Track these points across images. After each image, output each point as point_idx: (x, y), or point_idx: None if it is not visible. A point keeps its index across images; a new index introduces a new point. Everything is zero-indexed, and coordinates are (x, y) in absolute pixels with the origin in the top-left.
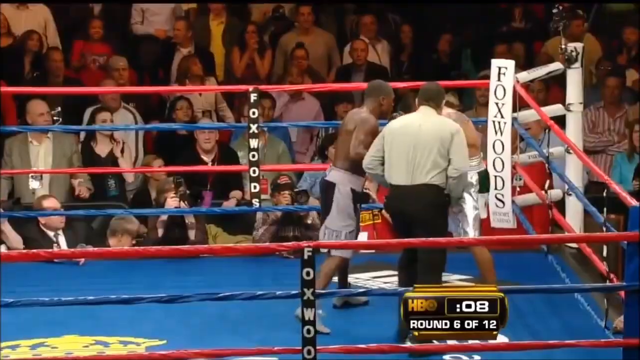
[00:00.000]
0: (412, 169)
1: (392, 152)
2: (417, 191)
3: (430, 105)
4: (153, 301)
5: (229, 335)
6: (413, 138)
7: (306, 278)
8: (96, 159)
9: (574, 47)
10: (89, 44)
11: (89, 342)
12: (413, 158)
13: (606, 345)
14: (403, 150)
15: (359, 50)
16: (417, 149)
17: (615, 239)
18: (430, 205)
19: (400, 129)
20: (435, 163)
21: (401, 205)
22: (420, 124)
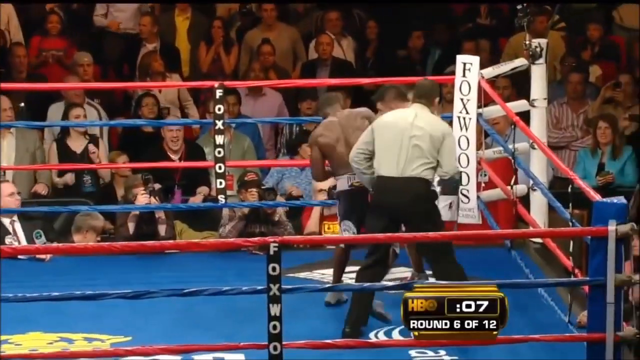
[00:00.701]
0: (403, 161)
1: (383, 145)
2: (408, 183)
3: (422, 103)
4: (118, 297)
5: (195, 331)
6: (404, 132)
7: (272, 273)
8: (71, 155)
9: (538, 43)
10: (46, 39)
11: (53, 338)
12: (404, 151)
13: (570, 340)
14: (394, 143)
15: (324, 44)
16: (409, 143)
17: (580, 234)
18: (421, 197)
19: (391, 123)
20: (425, 159)
21: (391, 198)
22: (412, 119)
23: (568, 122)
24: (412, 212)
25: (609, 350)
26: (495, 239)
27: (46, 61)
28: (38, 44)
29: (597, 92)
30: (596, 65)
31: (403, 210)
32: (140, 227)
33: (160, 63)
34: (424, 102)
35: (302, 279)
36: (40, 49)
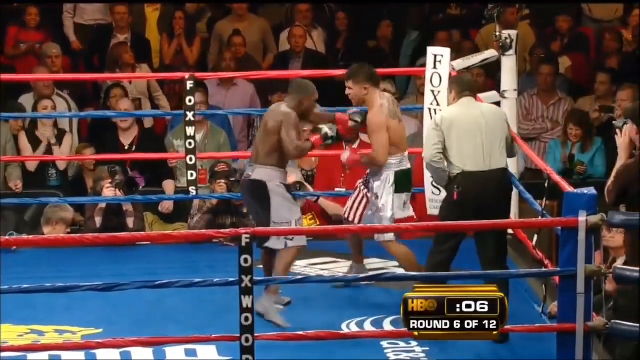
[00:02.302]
0: (489, 154)
1: (462, 141)
2: (495, 176)
3: (471, 96)
4: (89, 289)
5: (166, 323)
6: (480, 125)
7: (244, 265)
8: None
9: (508, 35)
10: (24, 30)
11: (23, 331)
12: (486, 144)
13: (540, 330)
14: (473, 137)
15: (297, 37)
16: (487, 135)
17: (550, 224)
18: (507, 188)
19: (463, 118)
20: (503, 147)
21: (479, 191)
22: (480, 111)
23: (538, 113)
24: (499, 205)
25: (579, 340)
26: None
27: (20, 53)
28: (15, 36)
29: (567, 83)
30: (566, 56)
31: (491, 203)
32: (108, 220)
33: (131, 55)
34: (471, 94)
35: None
36: (17, 41)
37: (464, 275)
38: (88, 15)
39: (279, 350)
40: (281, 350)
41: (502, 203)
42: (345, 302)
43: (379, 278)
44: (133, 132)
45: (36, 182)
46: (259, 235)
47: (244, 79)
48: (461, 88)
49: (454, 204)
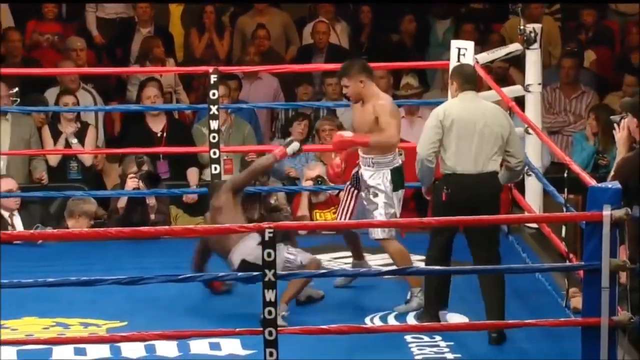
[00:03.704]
0: (483, 156)
1: (459, 141)
2: (485, 179)
3: (472, 89)
4: (114, 283)
5: (190, 317)
6: (480, 125)
7: (267, 259)
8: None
9: (533, 28)
10: (42, 23)
11: (49, 324)
12: (482, 146)
13: (564, 325)
14: (471, 138)
15: (320, 33)
16: (485, 136)
17: (575, 219)
18: (497, 192)
19: (464, 116)
20: (498, 150)
21: (469, 194)
22: (482, 110)
23: (561, 107)
24: (487, 208)
25: (604, 334)
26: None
27: (40, 45)
28: (33, 29)
29: (592, 77)
30: (590, 50)
31: (480, 207)
32: (132, 213)
33: (161, 49)
34: (474, 88)
35: None
36: (35, 33)
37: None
38: (110, 9)
39: (303, 344)
40: (305, 344)
41: (490, 207)
42: (369, 296)
43: (403, 272)
44: (162, 119)
45: (58, 175)
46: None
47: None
48: (464, 80)
49: (442, 204)
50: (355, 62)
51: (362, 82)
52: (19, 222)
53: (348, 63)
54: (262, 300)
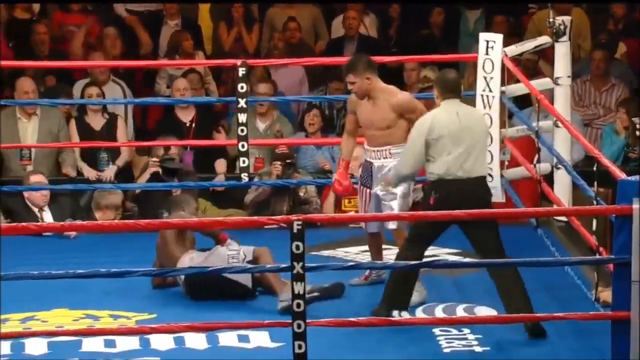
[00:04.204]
0: (470, 161)
1: (445, 149)
2: (474, 184)
3: (456, 97)
4: (143, 275)
5: (219, 308)
6: (464, 132)
7: (296, 252)
8: (90, 132)
9: (562, 21)
10: (67, 14)
11: (79, 315)
12: (468, 151)
13: (593, 318)
14: (457, 145)
15: (350, 18)
16: (470, 142)
17: (604, 212)
18: (485, 197)
19: (448, 125)
20: (484, 154)
21: (457, 199)
22: (465, 116)
23: (591, 99)
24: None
25: (634, 328)
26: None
27: (67, 37)
28: (59, 20)
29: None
30: (621, 42)
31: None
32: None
33: (190, 42)
34: (456, 96)
35: (326, 257)
36: (61, 25)
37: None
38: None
39: (331, 337)
40: (333, 337)
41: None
42: None
43: (431, 265)
44: (191, 109)
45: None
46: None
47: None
48: (444, 89)
49: (431, 209)
50: (361, 58)
51: (368, 78)
52: (49, 217)
53: (354, 59)
54: (292, 293)
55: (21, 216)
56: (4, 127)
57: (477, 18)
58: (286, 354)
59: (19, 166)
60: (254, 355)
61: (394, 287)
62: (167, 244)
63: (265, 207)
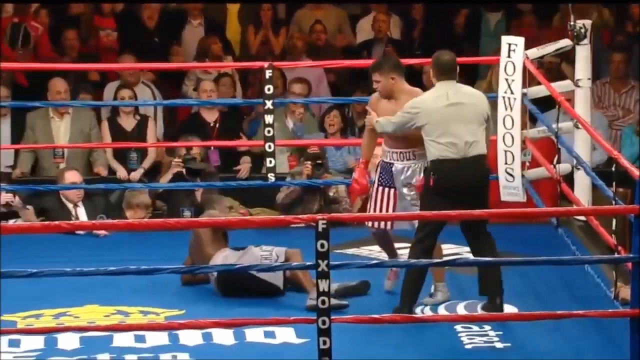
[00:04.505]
0: (468, 141)
1: (441, 129)
2: (473, 162)
3: (452, 79)
4: (172, 272)
5: (246, 305)
6: (461, 111)
7: (320, 250)
8: (122, 133)
9: (583, 24)
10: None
11: (110, 311)
12: (466, 131)
13: (612, 316)
14: (454, 124)
15: (380, 21)
16: (467, 121)
17: (623, 212)
18: (485, 175)
19: (442, 106)
20: (482, 133)
21: (456, 179)
22: (461, 96)
23: (610, 101)
24: (475, 192)
25: None
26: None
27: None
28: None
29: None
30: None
31: (468, 191)
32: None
33: (219, 46)
34: (451, 77)
35: (350, 255)
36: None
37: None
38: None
39: (355, 334)
40: (357, 334)
41: (480, 190)
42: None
43: (453, 263)
44: (216, 110)
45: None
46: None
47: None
48: (439, 71)
49: (431, 191)
50: (388, 59)
51: (393, 78)
52: (82, 213)
53: (381, 59)
54: (316, 290)
55: (55, 212)
56: (37, 126)
57: (498, 20)
58: (311, 349)
59: (52, 164)
60: (279, 351)
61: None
62: (202, 242)
63: (297, 206)
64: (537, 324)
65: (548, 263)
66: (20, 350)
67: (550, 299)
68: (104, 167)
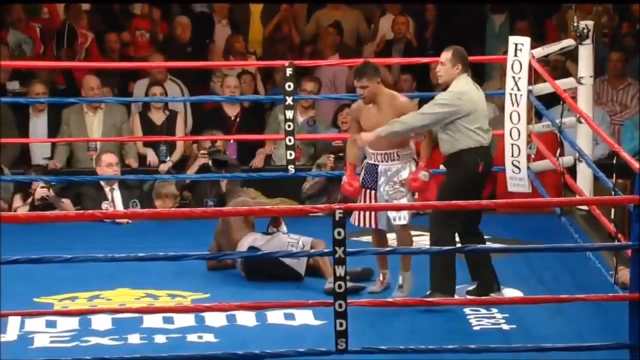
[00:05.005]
0: (490, 131)
1: (480, 117)
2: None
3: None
4: (198, 258)
5: (267, 289)
6: (483, 101)
7: (337, 237)
8: (152, 127)
9: (585, 25)
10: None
11: (140, 294)
12: (487, 119)
13: (612, 300)
14: (486, 113)
15: (399, 23)
16: (486, 111)
17: (622, 202)
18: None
19: (477, 94)
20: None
21: (490, 164)
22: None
23: (608, 97)
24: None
25: None
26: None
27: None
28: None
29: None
30: None
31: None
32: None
33: (242, 44)
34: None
35: (365, 242)
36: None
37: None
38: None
39: (370, 316)
40: (371, 316)
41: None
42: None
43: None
44: (237, 105)
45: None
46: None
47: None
48: (465, 64)
49: (479, 176)
50: (370, 64)
51: (378, 82)
52: (118, 197)
53: (365, 64)
54: (333, 275)
55: (92, 198)
56: (72, 121)
57: (502, 21)
58: (328, 331)
59: (86, 156)
60: (299, 332)
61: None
62: (231, 228)
63: (322, 195)
64: (541, 307)
65: (552, 250)
66: (56, 331)
67: (554, 283)
68: (134, 160)
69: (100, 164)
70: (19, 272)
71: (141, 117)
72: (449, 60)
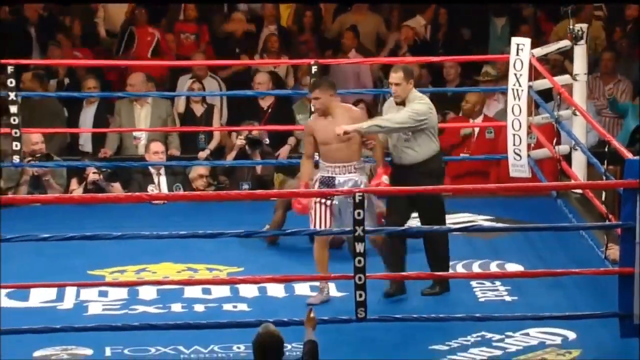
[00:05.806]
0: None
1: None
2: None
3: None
4: (233, 236)
5: (296, 264)
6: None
7: (357, 218)
8: (193, 117)
9: (580, 27)
10: (182, 23)
11: (181, 268)
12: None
13: (604, 274)
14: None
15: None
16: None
17: (613, 186)
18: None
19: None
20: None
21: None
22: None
23: (599, 93)
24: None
25: (637, 281)
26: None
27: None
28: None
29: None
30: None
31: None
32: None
33: (275, 44)
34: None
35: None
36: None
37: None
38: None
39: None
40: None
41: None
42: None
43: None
44: (270, 97)
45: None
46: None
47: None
48: (412, 77)
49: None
50: (325, 78)
51: (332, 95)
52: (163, 182)
53: (319, 78)
54: (353, 252)
55: (138, 182)
56: (123, 112)
57: (503, 24)
58: (349, 301)
59: (133, 145)
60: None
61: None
62: None
63: None
64: (540, 280)
65: (549, 229)
66: (108, 300)
67: (551, 259)
68: (177, 149)
69: (149, 151)
70: (75, 247)
71: (185, 109)
72: (402, 79)
